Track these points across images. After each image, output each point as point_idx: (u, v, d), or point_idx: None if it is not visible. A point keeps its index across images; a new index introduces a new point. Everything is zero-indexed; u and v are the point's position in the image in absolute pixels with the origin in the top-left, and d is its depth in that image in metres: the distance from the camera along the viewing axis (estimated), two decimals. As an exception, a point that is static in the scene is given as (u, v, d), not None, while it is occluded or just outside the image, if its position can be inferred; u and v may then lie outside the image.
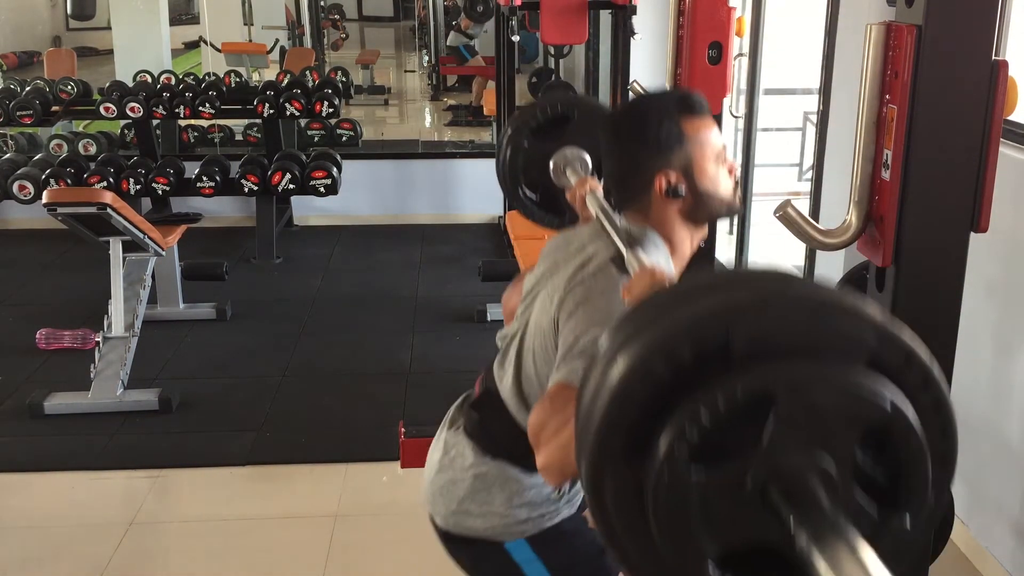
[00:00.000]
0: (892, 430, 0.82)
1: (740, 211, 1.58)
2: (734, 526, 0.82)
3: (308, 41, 9.87)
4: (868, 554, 0.73)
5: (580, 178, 1.89)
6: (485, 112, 8.50)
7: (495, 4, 6.33)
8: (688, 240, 1.56)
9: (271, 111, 5.89)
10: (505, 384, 1.61)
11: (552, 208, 2.14)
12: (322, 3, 10.72)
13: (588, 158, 2.00)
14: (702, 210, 1.52)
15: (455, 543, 1.69)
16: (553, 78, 8.48)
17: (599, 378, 0.88)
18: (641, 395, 0.83)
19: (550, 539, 1.63)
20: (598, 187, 1.77)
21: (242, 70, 7.81)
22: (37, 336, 4.45)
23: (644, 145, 1.50)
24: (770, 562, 0.84)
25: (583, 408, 0.90)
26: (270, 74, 7.86)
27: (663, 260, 1.46)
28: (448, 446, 1.69)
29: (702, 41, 2.27)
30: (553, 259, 1.60)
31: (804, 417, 0.80)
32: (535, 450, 1.30)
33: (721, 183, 1.52)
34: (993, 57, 1.34)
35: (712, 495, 0.81)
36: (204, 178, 5.55)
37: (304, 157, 5.86)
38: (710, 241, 2.35)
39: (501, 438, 1.61)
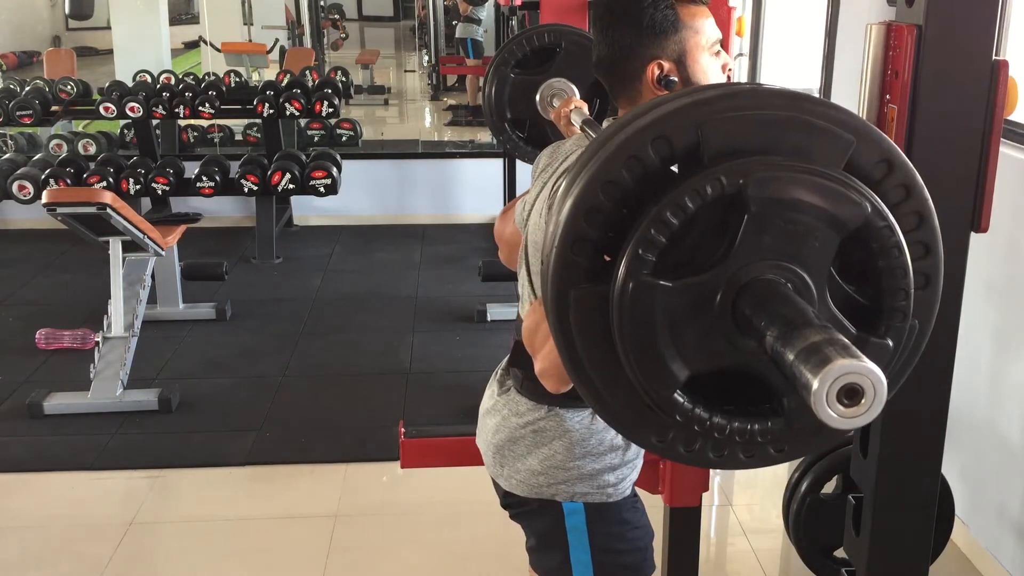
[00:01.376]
0: (870, 236, 0.74)
1: None
2: (703, 345, 0.74)
3: (308, 41, 9.88)
4: (844, 343, 0.64)
5: (565, 98, 1.84)
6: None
7: (495, 5, 6.32)
8: None
9: (271, 111, 5.88)
10: (522, 310, 1.59)
11: (539, 143, 2.08)
12: (322, 3, 10.72)
13: (575, 88, 1.95)
14: None
15: (518, 505, 1.66)
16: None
17: (561, 199, 0.80)
18: (604, 205, 0.74)
19: (606, 517, 1.60)
20: (583, 105, 1.73)
21: (242, 70, 7.81)
22: (37, 336, 4.45)
23: (638, 29, 1.43)
24: (739, 394, 0.76)
25: (549, 229, 0.82)
26: (270, 74, 7.86)
27: None
28: (500, 405, 1.66)
29: (702, 41, 2.27)
30: (543, 179, 1.58)
31: (778, 217, 0.71)
32: (532, 357, 1.27)
33: (713, 77, 1.47)
34: (993, 57, 1.34)
35: (679, 310, 0.73)
36: (204, 178, 5.55)
37: (304, 157, 5.86)
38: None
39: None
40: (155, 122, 6.19)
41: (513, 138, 2.15)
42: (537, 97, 1.98)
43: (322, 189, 5.62)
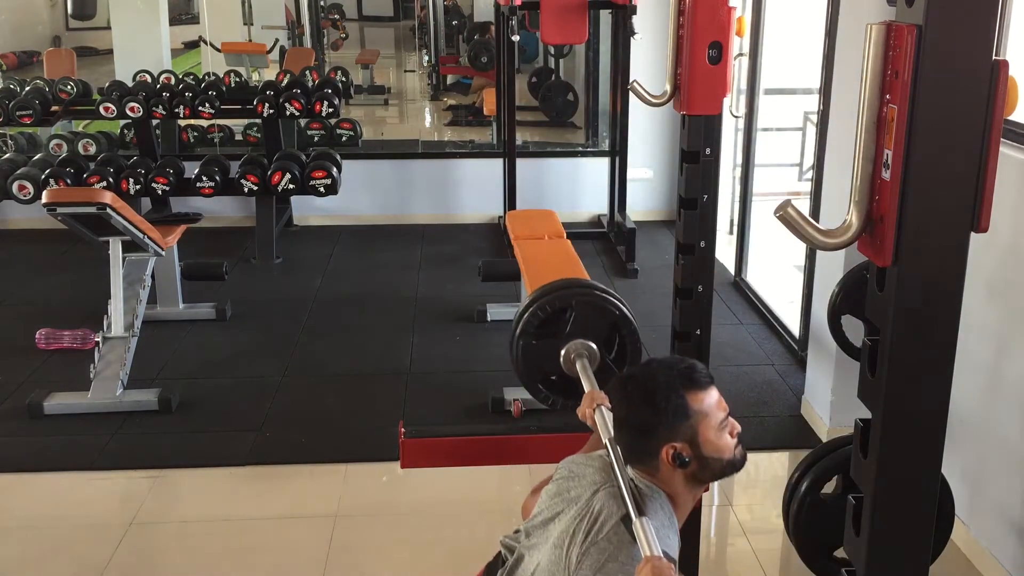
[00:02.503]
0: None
1: (743, 465, 1.70)
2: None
3: (308, 41, 9.86)
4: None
5: (587, 393, 2.02)
6: (485, 112, 8.50)
7: (495, 5, 6.32)
8: (691, 497, 1.68)
9: (271, 111, 5.88)
10: None
11: (572, 395, 2.31)
12: (322, 3, 10.71)
13: (594, 347, 2.30)
14: (706, 472, 1.64)
15: None
16: (553, 78, 8.50)
17: None
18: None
19: None
20: (604, 400, 1.88)
21: (242, 70, 7.80)
22: (37, 336, 4.45)
23: (652, 417, 1.61)
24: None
25: None
26: (270, 74, 7.85)
27: (664, 525, 1.57)
28: None
29: (702, 41, 2.27)
30: (567, 488, 1.72)
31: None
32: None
33: (724, 448, 1.63)
34: (993, 57, 1.34)
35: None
36: (204, 178, 5.55)
37: (304, 157, 5.86)
38: (709, 242, 2.36)
39: None
40: (155, 122, 6.19)
41: (549, 396, 2.40)
42: (561, 359, 2.31)
43: (322, 189, 5.62)
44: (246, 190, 5.59)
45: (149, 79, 6.74)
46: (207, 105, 5.91)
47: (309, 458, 3.55)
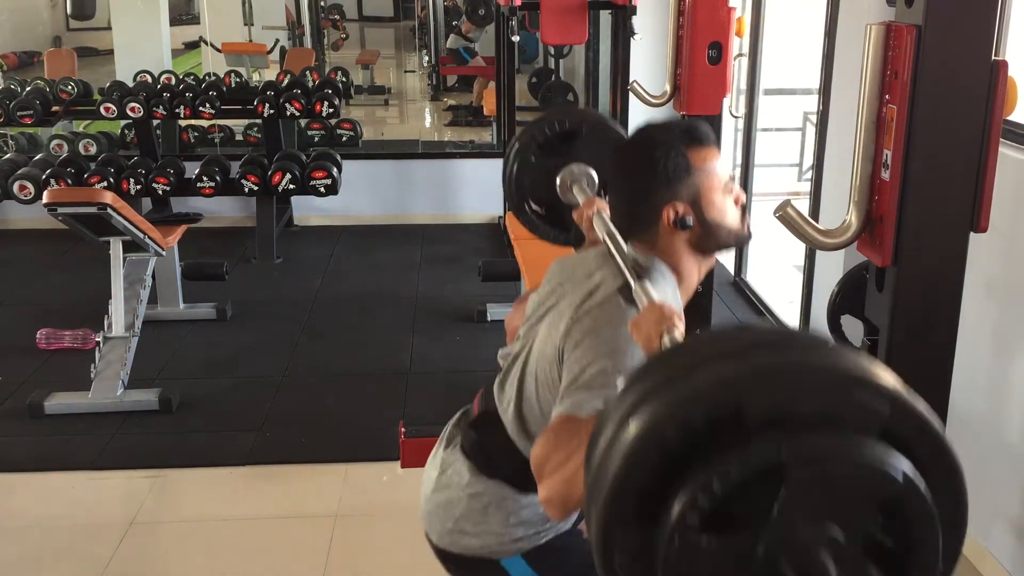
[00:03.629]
0: (904, 504, 0.82)
1: (750, 240, 1.58)
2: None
3: (308, 41, 9.87)
4: None
5: (587, 198, 1.88)
6: (485, 112, 8.50)
7: (496, 6, 6.32)
8: (696, 270, 1.55)
9: (271, 111, 5.88)
10: (505, 406, 1.61)
11: (558, 224, 2.13)
12: (322, 3, 10.72)
13: (595, 174, 1.99)
14: (710, 240, 1.52)
15: (451, 561, 1.69)
16: (553, 78, 8.50)
17: (611, 438, 0.88)
18: (653, 460, 0.83)
19: (546, 554, 1.63)
20: (605, 207, 1.75)
21: (242, 70, 7.80)
22: (37, 336, 4.45)
23: (651, 177, 1.49)
24: None
25: (594, 466, 0.89)
26: (270, 74, 7.86)
27: (670, 292, 1.44)
28: (445, 464, 1.69)
29: (702, 41, 2.28)
30: (559, 282, 1.59)
31: (816, 489, 0.80)
32: (538, 482, 1.31)
33: (728, 213, 1.52)
34: (993, 57, 1.34)
35: (721, 565, 0.81)
36: (204, 178, 5.55)
37: (304, 157, 5.86)
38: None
39: (499, 459, 1.61)
40: (156, 122, 6.19)
41: (532, 218, 2.19)
42: (558, 181, 2.02)
43: (322, 189, 5.62)
44: (246, 190, 5.60)
45: (150, 79, 6.74)
46: (207, 105, 5.91)
47: (309, 458, 3.55)
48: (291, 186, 5.58)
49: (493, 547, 1.61)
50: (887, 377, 0.83)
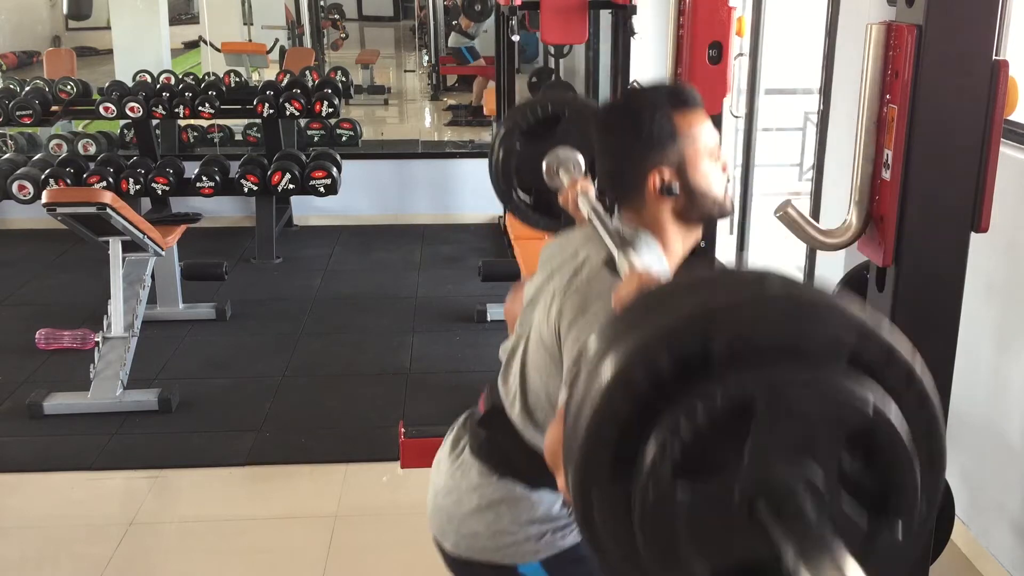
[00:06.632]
0: (876, 434, 0.80)
1: (731, 213, 1.55)
2: (722, 543, 0.79)
3: (308, 41, 9.87)
4: (855, 572, 0.72)
5: (571, 180, 1.86)
6: (485, 112, 8.50)
7: (495, 3, 6.32)
8: (681, 240, 1.52)
9: (271, 111, 5.88)
10: (510, 400, 1.58)
11: (547, 210, 2.12)
12: (322, 3, 10.72)
13: (580, 158, 1.97)
14: (695, 209, 1.49)
15: (465, 568, 1.63)
16: (553, 78, 8.49)
17: (583, 390, 0.87)
18: (623, 409, 0.81)
19: (566, 562, 1.59)
20: (590, 188, 1.74)
21: (242, 70, 7.81)
22: (37, 336, 4.44)
23: (637, 141, 1.46)
24: None
25: (569, 421, 0.88)
26: (270, 74, 7.86)
27: (655, 261, 1.42)
28: (453, 467, 1.65)
29: (702, 41, 2.27)
30: (550, 266, 1.57)
31: (786, 423, 0.78)
32: (555, 473, 1.29)
33: (714, 181, 1.49)
34: (993, 57, 1.34)
35: (698, 511, 0.79)
36: (204, 178, 5.55)
37: (304, 157, 5.86)
38: (710, 241, 2.36)
39: (510, 455, 1.57)
40: (155, 122, 6.19)
41: (520, 205, 2.17)
42: (543, 166, 1.99)
43: (322, 189, 5.62)
44: (246, 190, 5.59)
45: (149, 79, 6.74)
46: (207, 105, 5.91)
47: (309, 458, 3.55)
48: (291, 186, 5.58)
49: (509, 550, 1.57)
50: (852, 306, 0.82)
